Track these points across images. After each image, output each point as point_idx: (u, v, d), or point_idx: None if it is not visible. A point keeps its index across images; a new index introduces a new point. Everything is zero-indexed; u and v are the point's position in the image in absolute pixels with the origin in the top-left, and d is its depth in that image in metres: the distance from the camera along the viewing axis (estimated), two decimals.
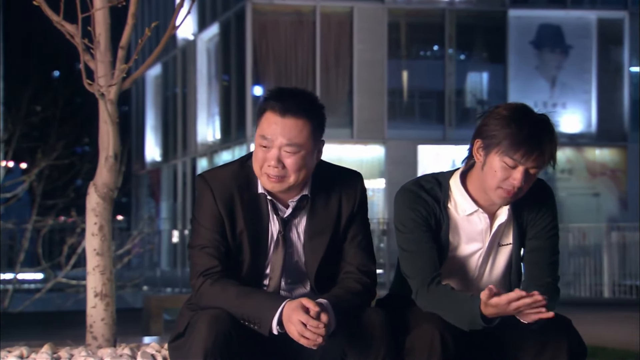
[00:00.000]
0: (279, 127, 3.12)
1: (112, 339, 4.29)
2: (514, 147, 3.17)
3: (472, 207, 3.30)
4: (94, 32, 4.14)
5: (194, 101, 27.18)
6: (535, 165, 3.21)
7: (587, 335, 3.41)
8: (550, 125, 3.26)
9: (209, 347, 2.98)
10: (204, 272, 3.17)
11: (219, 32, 25.87)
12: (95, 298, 4.25)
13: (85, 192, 4.35)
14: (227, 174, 3.25)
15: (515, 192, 3.22)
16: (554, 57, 24.34)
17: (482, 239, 3.32)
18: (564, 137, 24.18)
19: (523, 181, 3.20)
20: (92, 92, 4.12)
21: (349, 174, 3.33)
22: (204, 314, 3.07)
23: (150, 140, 32.61)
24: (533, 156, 3.18)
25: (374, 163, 23.51)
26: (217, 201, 3.20)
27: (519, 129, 3.18)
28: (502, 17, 24.12)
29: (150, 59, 4.31)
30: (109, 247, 4.29)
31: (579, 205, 23.66)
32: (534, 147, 3.18)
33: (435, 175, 3.38)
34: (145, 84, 32.82)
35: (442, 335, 3.09)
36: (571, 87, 24.27)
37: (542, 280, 3.28)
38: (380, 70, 23.44)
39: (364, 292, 3.23)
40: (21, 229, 16.47)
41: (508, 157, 3.19)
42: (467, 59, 24.84)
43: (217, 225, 3.19)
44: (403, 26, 24.12)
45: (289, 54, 23.29)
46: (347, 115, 23.39)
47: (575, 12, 24.29)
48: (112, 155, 4.20)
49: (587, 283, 16.55)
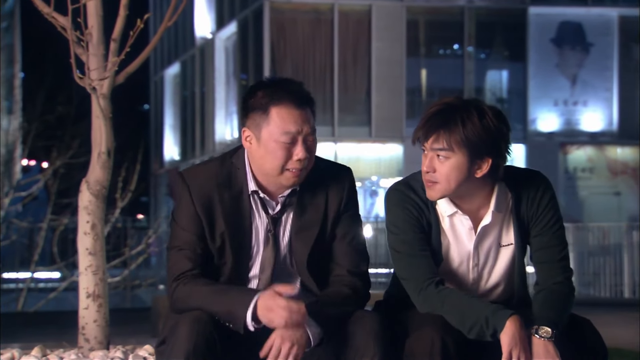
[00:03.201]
0: (301, 118, 3.03)
1: (105, 341, 4.17)
2: (416, 127, 3.09)
3: (451, 209, 3.17)
4: (84, 24, 4.00)
5: (212, 100, 27.13)
6: (435, 147, 3.06)
7: (605, 336, 3.27)
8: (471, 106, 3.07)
9: (190, 350, 2.88)
10: (178, 275, 3.06)
11: (236, 30, 25.81)
12: (87, 299, 4.12)
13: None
14: (206, 173, 3.13)
15: (429, 181, 3.09)
16: (574, 54, 24.12)
17: (467, 241, 3.18)
18: (584, 136, 23.97)
19: (428, 166, 3.07)
20: (83, 86, 3.99)
21: (337, 168, 3.22)
22: (184, 317, 2.97)
23: (169, 140, 32.61)
24: (426, 135, 3.06)
25: (392, 162, 23.36)
26: (194, 201, 3.08)
27: (425, 111, 3.10)
28: (522, 15, 23.92)
29: (144, 52, 4.17)
30: (102, 247, 4.16)
31: (599, 204, 23.44)
32: (428, 126, 3.06)
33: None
34: (164, 83, 32.84)
35: (442, 339, 2.98)
36: (592, 85, 24.03)
37: (555, 280, 3.16)
38: (398, 69, 23.29)
39: (354, 295, 3.11)
40: (36, 227, 16.43)
41: (417, 142, 3.11)
42: (486, 57, 24.66)
43: (194, 226, 3.07)
44: (422, 24, 23.97)
45: (306, 52, 23.19)
46: (365, 114, 23.28)
47: (596, 9, 24.06)
48: (104, 152, 4.07)
49: (607, 283, 16.36)
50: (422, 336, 2.99)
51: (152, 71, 35.12)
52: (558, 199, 3.25)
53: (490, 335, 2.99)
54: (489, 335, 2.99)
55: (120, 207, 14.64)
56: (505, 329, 2.96)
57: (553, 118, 24.03)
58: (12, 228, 16.52)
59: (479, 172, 3.07)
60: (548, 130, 23.92)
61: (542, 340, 2.98)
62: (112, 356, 3.98)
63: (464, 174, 3.05)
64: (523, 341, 2.96)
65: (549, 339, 2.99)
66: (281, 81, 3.10)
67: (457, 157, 3.03)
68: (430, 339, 2.97)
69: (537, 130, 23.86)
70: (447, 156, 3.04)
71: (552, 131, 23.94)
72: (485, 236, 3.18)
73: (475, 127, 3.02)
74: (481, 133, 3.02)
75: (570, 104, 23.81)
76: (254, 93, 3.10)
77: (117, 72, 4.09)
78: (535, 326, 3.01)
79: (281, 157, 3.03)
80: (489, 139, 3.03)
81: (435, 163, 3.06)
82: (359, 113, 23.15)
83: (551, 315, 3.04)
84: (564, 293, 3.13)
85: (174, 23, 12.41)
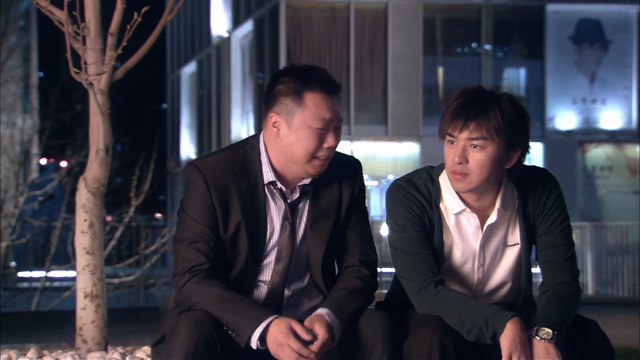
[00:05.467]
0: (334, 105, 3.00)
1: (103, 343, 4.07)
2: (447, 119, 2.97)
3: (459, 206, 3.07)
4: (79, 18, 3.90)
5: (228, 99, 27.10)
6: (471, 137, 2.95)
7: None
8: (499, 97, 2.98)
9: (190, 351, 2.82)
10: (191, 268, 2.97)
11: (253, 29, 25.77)
12: (85, 299, 4.03)
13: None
14: (221, 161, 3.04)
15: (462, 173, 2.97)
16: (593, 52, 23.93)
17: (474, 240, 3.08)
18: (603, 134, 23.78)
19: (460, 157, 2.95)
20: (80, 81, 3.90)
21: (349, 160, 3.17)
22: (185, 317, 2.90)
23: (185, 138, 32.64)
24: (462, 124, 2.94)
25: (408, 160, 23.23)
26: (210, 191, 2.99)
27: (453, 101, 2.98)
28: (540, 12, 23.76)
29: (144, 47, 4.07)
30: (99, 245, 4.07)
31: (618, 202, 23.23)
32: (463, 115, 2.94)
33: (429, 170, 3.15)
34: (181, 82, 32.88)
35: (441, 340, 2.90)
36: (611, 83, 23.84)
37: (560, 280, 3.06)
38: (415, 67, 23.18)
39: (365, 288, 3.07)
40: (51, 226, 16.43)
41: (447, 134, 2.99)
42: (504, 55, 24.52)
43: (208, 218, 2.98)
44: (438, 22, 23.84)
45: (323, 50, 23.11)
46: (381, 112, 23.19)
47: (615, 6, 23.85)
48: (102, 149, 3.98)
49: (625, 282, 16.23)
50: (420, 337, 2.92)
51: (169, 70, 35.16)
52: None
53: (490, 337, 2.90)
54: (488, 338, 2.90)
55: (134, 205, 14.63)
56: (505, 332, 2.87)
57: (571, 116, 23.85)
58: (27, 227, 16.54)
59: (507, 164, 3.00)
60: (566, 129, 23.74)
61: (543, 341, 2.89)
62: (110, 358, 3.89)
63: (496, 165, 2.97)
64: (523, 344, 2.87)
65: (549, 340, 2.89)
66: (312, 68, 3.05)
67: (493, 147, 2.95)
68: (429, 340, 2.90)
69: (555, 128, 23.69)
70: (483, 145, 2.94)
71: (570, 129, 23.76)
72: (492, 235, 3.09)
73: (511, 115, 2.95)
74: (516, 121, 2.95)
75: (589, 101, 23.63)
76: (284, 78, 3.02)
77: (116, 67, 4.00)
78: (536, 327, 2.92)
79: (314, 144, 2.98)
80: (522, 127, 2.97)
81: (469, 153, 2.96)
82: (375, 111, 23.07)
83: (553, 316, 2.94)
84: (568, 294, 3.04)
85: (191, 22, 12.36)
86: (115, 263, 15.61)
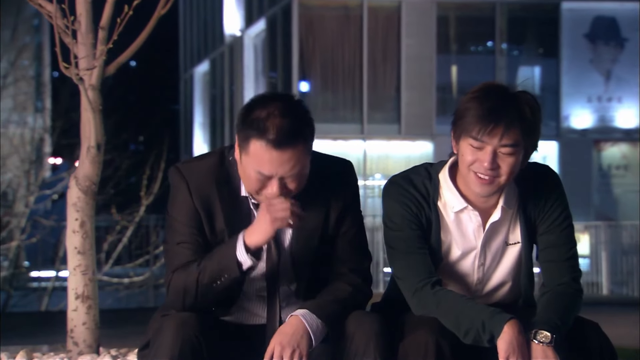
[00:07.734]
0: (278, 160, 2.79)
1: (95, 345, 3.98)
2: (474, 123, 2.81)
3: (461, 204, 2.95)
4: (69, 12, 3.80)
5: (241, 98, 27.04)
6: (504, 144, 2.82)
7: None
8: (522, 99, 2.87)
9: (175, 354, 2.76)
10: (177, 267, 2.91)
11: (265, 28, 25.71)
12: (76, 300, 3.94)
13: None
14: (204, 169, 2.95)
15: (491, 177, 2.85)
16: (608, 50, 23.76)
17: (475, 238, 2.96)
18: (619, 132, 23.60)
19: (492, 163, 2.82)
20: (69, 76, 3.80)
21: (338, 164, 3.02)
22: (169, 320, 2.83)
23: (199, 137, 32.62)
24: (496, 131, 2.80)
25: (422, 159, 23.11)
26: (192, 195, 2.91)
27: (479, 103, 2.83)
28: (555, 10, 23.60)
29: (137, 41, 3.97)
30: (91, 245, 3.97)
31: (634, 202, 23.03)
32: (496, 121, 2.80)
33: (427, 167, 3.03)
34: (194, 81, 32.86)
35: (437, 342, 2.80)
36: (626, 81, 23.65)
37: (560, 281, 2.95)
38: (429, 66, 23.06)
39: (355, 293, 2.94)
40: (62, 226, 16.39)
41: (471, 137, 2.83)
42: (518, 53, 24.39)
43: (193, 220, 2.91)
44: (452, 20, 23.72)
45: (335, 49, 23.03)
46: (395, 111, 23.09)
47: (631, 4, 23.66)
48: (94, 146, 3.89)
49: None
50: (416, 339, 2.83)
51: (182, 69, 35.16)
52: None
53: (487, 340, 2.79)
54: (485, 341, 2.79)
55: (145, 205, 14.57)
56: (503, 335, 2.76)
57: (586, 115, 23.68)
58: (38, 226, 16.51)
59: (523, 164, 2.92)
60: (581, 127, 23.57)
61: (541, 345, 2.77)
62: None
63: (519, 166, 2.89)
64: (521, 347, 2.75)
65: (548, 344, 2.78)
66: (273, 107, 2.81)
67: (522, 150, 2.87)
68: (424, 342, 2.81)
69: (570, 127, 23.52)
70: (515, 151, 2.84)
71: (585, 128, 23.59)
72: (494, 234, 2.99)
73: (536, 117, 2.87)
74: (539, 122, 2.88)
75: (604, 100, 23.46)
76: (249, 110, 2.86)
77: (107, 62, 3.89)
78: (535, 330, 2.81)
79: (256, 187, 2.86)
80: (540, 128, 2.89)
81: (500, 158, 2.84)
82: (389, 110, 22.97)
83: (552, 319, 2.83)
84: (569, 295, 2.92)
85: (204, 21, 12.26)
86: (125, 263, 15.58)
